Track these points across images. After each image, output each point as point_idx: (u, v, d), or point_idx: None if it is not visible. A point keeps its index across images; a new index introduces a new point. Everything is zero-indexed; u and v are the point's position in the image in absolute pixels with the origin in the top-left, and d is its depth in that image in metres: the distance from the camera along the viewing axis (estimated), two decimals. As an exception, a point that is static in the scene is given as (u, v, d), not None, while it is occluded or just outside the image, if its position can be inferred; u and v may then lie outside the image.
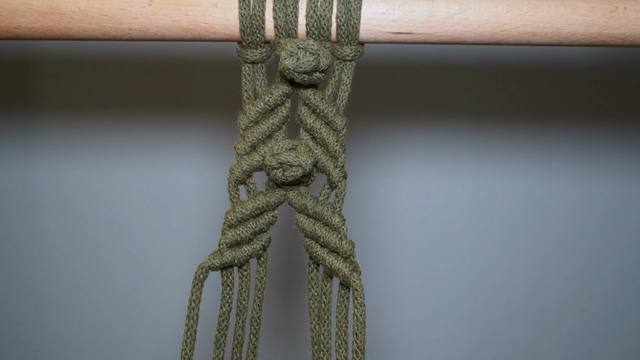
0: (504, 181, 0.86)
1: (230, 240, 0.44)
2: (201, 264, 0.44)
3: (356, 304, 0.42)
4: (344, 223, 0.44)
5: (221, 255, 0.44)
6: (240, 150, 0.45)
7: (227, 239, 0.44)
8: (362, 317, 0.42)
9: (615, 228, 0.88)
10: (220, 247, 0.44)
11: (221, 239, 0.45)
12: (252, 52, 0.44)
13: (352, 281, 0.42)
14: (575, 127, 0.85)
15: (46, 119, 0.84)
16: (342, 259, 0.43)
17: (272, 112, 0.46)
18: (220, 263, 0.44)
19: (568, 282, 0.90)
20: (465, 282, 0.89)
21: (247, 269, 0.46)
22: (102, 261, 0.88)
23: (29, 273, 0.89)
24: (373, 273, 0.88)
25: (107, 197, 0.86)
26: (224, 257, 0.44)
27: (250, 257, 0.45)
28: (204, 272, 0.44)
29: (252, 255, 0.46)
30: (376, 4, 0.43)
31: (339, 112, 0.45)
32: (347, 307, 0.46)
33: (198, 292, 0.45)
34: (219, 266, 0.44)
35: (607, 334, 0.92)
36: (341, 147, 0.45)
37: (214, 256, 0.44)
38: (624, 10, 0.43)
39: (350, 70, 0.44)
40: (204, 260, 0.44)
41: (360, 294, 0.42)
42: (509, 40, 0.43)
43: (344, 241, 0.43)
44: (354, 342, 0.42)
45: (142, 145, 0.85)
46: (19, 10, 0.43)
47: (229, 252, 0.44)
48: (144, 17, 0.43)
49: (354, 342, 0.42)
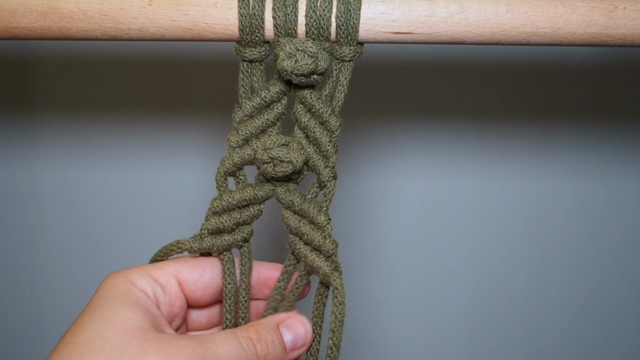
0: (504, 181, 0.86)
1: (212, 227, 0.44)
2: (178, 243, 0.44)
3: (335, 302, 0.42)
4: (329, 222, 0.44)
5: (201, 240, 0.44)
6: (233, 142, 0.45)
7: (210, 225, 0.44)
8: (341, 315, 0.42)
9: (615, 228, 0.88)
10: (201, 232, 0.45)
11: (204, 224, 0.45)
12: (251, 50, 0.44)
13: (333, 280, 0.42)
14: (575, 127, 0.85)
15: (46, 119, 0.84)
16: (324, 257, 0.43)
17: (268, 107, 0.46)
18: (198, 247, 0.44)
19: (567, 282, 0.90)
20: (465, 282, 0.89)
21: (228, 255, 0.46)
22: (102, 261, 0.88)
23: (29, 273, 0.89)
24: (372, 273, 0.88)
25: (107, 196, 0.86)
26: (203, 243, 0.44)
27: (230, 246, 0.46)
28: (181, 253, 0.45)
29: (232, 245, 0.46)
30: (376, 4, 0.43)
31: (334, 112, 0.45)
32: (324, 304, 0.46)
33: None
34: (197, 250, 0.45)
35: (607, 334, 0.92)
36: (333, 147, 0.45)
37: (194, 240, 0.44)
38: (623, 10, 0.43)
39: (348, 71, 0.44)
40: (183, 241, 0.44)
41: (340, 292, 0.42)
42: (508, 40, 0.43)
43: (328, 240, 0.43)
44: (330, 338, 0.42)
45: (141, 145, 0.85)
46: (19, 10, 0.43)
47: (209, 239, 0.44)
48: (143, 17, 0.43)
49: (330, 339, 0.43)
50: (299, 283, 0.45)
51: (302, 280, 0.45)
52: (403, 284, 0.90)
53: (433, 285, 0.90)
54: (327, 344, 0.43)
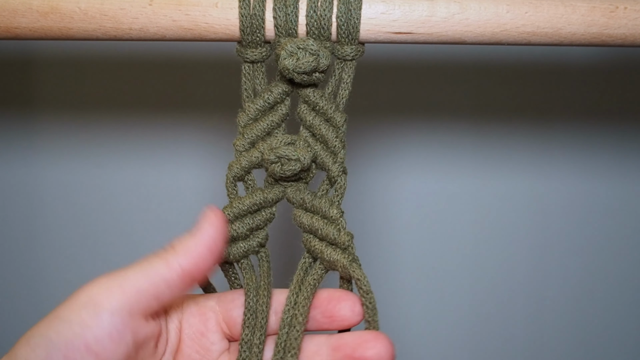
0: (504, 181, 0.86)
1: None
2: None
3: (362, 293, 0.41)
4: (342, 215, 0.44)
5: None
6: (239, 147, 0.45)
7: None
8: (372, 303, 0.41)
9: (615, 228, 0.88)
10: None
11: None
12: (252, 51, 0.44)
13: (352, 271, 0.42)
14: (575, 127, 0.85)
15: (46, 119, 0.84)
16: (340, 250, 0.43)
17: (272, 109, 0.46)
18: None
19: (568, 282, 0.90)
20: (465, 282, 0.89)
21: (246, 262, 0.45)
22: (102, 260, 0.88)
23: (30, 273, 0.89)
24: (372, 273, 0.88)
25: (108, 196, 0.86)
26: None
27: (246, 253, 0.45)
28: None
29: (248, 251, 0.45)
30: (376, 4, 0.43)
31: (338, 108, 0.45)
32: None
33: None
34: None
35: (607, 334, 0.92)
36: (341, 143, 0.45)
37: None
38: (624, 10, 0.43)
39: (351, 70, 0.44)
40: None
41: (364, 282, 0.41)
42: (509, 40, 0.43)
43: (342, 232, 0.43)
44: (366, 329, 0.41)
45: (142, 145, 0.85)
46: (20, 10, 0.43)
47: (225, 248, 0.44)
48: (144, 17, 0.43)
49: (366, 329, 0.41)
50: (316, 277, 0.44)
51: (320, 277, 0.44)
52: (403, 283, 0.90)
53: (433, 284, 0.90)
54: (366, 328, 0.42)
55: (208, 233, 0.39)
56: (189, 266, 0.39)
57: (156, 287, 0.38)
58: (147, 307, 0.38)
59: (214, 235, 0.39)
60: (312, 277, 0.43)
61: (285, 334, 0.42)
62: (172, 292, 0.39)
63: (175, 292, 0.39)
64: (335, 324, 0.43)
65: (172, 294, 0.39)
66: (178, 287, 0.39)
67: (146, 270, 0.39)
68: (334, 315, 0.42)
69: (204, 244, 0.39)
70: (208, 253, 0.39)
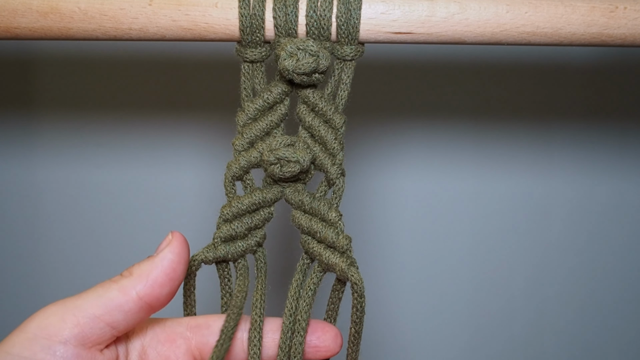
0: (504, 181, 0.86)
1: (224, 235, 0.44)
2: (194, 256, 0.44)
3: (355, 296, 0.42)
4: (340, 218, 0.44)
5: (215, 249, 0.44)
6: (238, 146, 0.45)
7: (222, 233, 0.44)
8: (362, 307, 0.42)
9: (615, 228, 0.88)
10: (214, 241, 0.44)
11: (216, 233, 0.45)
12: (252, 51, 0.44)
13: (350, 275, 0.42)
14: (575, 127, 0.85)
15: (46, 119, 0.84)
16: (338, 253, 0.43)
17: (271, 109, 0.46)
18: (213, 257, 0.44)
19: (567, 282, 0.90)
20: (465, 282, 0.89)
21: (242, 262, 0.45)
22: (102, 260, 0.88)
23: (30, 273, 0.89)
24: (372, 273, 0.88)
25: (107, 196, 0.86)
26: (217, 251, 0.44)
27: (245, 252, 0.45)
28: (197, 264, 0.44)
29: (246, 250, 0.45)
30: (376, 4, 0.43)
31: (337, 110, 0.45)
32: (340, 299, 0.46)
33: (192, 282, 0.45)
34: (212, 260, 0.44)
35: (607, 334, 0.92)
36: (339, 144, 0.45)
37: (208, 250, 0.44)
38: (623, 10, 0.43)
39: (350, 70, 0.44)
40: (197, 253, 0.44)
41: (359, 286, 0.42)
42: (509, 40, 0.43)
43: (341, 236, 0.43)
44: (352, 327, 0.42)
45: (141, 145, 0.85)
46: (19, 10, 0.43)
47: (223, 247, 0.44)
48: (144, 17, 0.43)
49: (351, 328, 0.42)
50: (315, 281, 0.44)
51: (318, 278, 0.44)
52: (402, 284, 0.90)
53: (432, 284, 0.90)
54: (350, 332, 0.43)
55: (168, 258, 0.38)
56: (146, 293, 0.37)
57: (111, 315, 0.36)
58: (101, 335, 0.37)
59: (174, 261, 0.38)
60: (311, 282, 0.44)
61: (288, 339, 0.42)
62: (128, 320, 0.37)
63: (132, 319, 0.37)
64: (319, 354, 0.43)
65: (128, 322, 0.37)
66: (134, 314, 0.37)
67: (101, 297, 0.37)
68: (319, 345, 0.43)
69: (162, 270, 0.38)
70: (166, 279, 0.38)
